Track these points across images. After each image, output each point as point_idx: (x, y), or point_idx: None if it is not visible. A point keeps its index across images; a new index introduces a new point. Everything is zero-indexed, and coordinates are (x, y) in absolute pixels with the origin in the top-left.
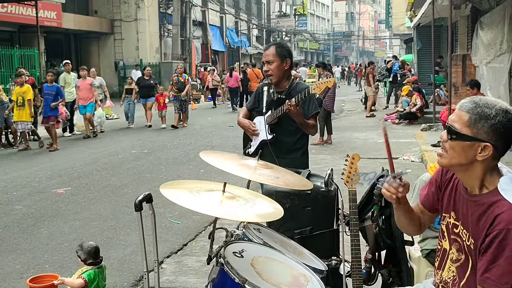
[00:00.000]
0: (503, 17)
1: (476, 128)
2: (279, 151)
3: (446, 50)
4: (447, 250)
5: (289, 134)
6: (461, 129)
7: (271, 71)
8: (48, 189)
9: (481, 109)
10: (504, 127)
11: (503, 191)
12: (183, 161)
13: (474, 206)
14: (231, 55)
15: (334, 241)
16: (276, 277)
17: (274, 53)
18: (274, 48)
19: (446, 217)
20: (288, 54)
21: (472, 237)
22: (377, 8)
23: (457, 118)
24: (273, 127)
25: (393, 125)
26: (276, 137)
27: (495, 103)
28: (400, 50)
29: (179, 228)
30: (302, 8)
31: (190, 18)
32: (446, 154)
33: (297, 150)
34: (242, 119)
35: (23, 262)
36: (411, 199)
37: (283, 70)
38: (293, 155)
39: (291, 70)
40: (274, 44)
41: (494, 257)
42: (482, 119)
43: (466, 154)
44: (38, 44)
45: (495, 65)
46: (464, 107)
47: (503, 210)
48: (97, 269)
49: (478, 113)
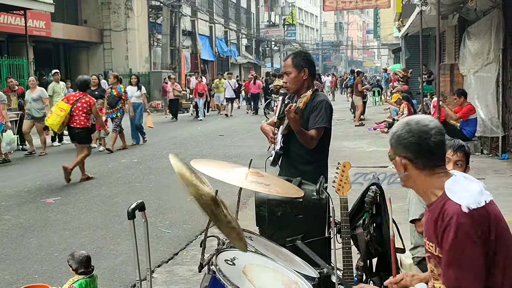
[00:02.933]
0: (489, 27)
1: (394, 149)
2: (290, 163)
3: (434, 59)
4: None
5: (298, 147)
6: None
7: (288, 82)
8: (37, 199)
9: (394, 136)
10: (405, 139)
11: (448, 190)
12: (173, 170)
13: (431, 214)
14: (221, 64)
15: (325, 249)
16: (268, 285)
17: (290, 64)
18: (291, 59)
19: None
20: (306, 63)
21: (436, 245)
22: (365, 18)
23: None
24: (286, 138)
25: (382, 133)
26: (287, 148)
27: (403, 122)
28: (388, 60)
29: (169, 237)
30: (291, 18)
31: (179, 28)
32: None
33: (309, 163)
34: (264, 125)
35: (12, 273)
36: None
37: (301, 80)
38: (304, 167)
39: (312, 79)
40: (292, 54)
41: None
42: (392, 140)
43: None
44: (27, 53)
45: (483, 75)
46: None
47: (446, 208)
48: (89, 279)
49: (390, 138)
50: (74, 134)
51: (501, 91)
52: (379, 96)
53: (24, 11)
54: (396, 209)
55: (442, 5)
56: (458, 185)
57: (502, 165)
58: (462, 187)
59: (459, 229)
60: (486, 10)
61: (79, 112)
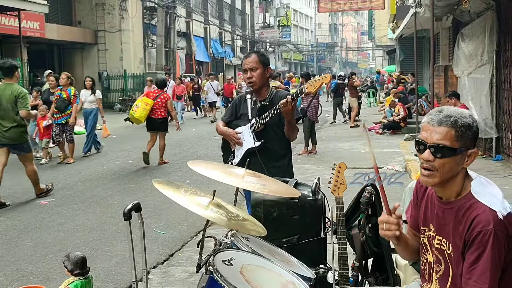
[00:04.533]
0: (483, 28)
1: (463, 140)
2: (267, 159)
3: (428, 61)
4: (431, 263)
5: (275, 140)
6: (452, 145)
7: (254, 78)
8: (32, 200)
9: (460, 120)
10: (477, 132)
11: (476, 193)
12: (169, 171)
13: (451, 213)
14: (215, 65)
15: (321, 249)
16: (265, 285)
17: (257, 61)
18: (256, 56)
19: (426, 230)
20: (268, 62)
21: (452, 244)
22: (360, 19)
23: (441, 135)
24: (259, 134)
25: (376, 135)
26: (263, 144)
27: (463, 111)
28: (383, 61)
29: (165, 238)
30: (285, 19)
31: (174, 29)
32: (437, 173)
33: (284, 157)
34: (225, 128)
35: (7, 274)
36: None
37: (265, 77)
38: (280, 162)
39: (269, 78)
40: (255, 52)
41: (474, 259)
42: (467, 130)
43: (458, 166)
44: (21, 54)
45: (477, 76)
46: (444, 122)
47: (479, 212)
48: (84, 280)
49: (462, 125)
50: (155, 124)
51: (495, 92)
52: (373, 97)
53: (18, 12)
54: None
55: (436, 7)
56: (484, 188)
57: (496, 166)
58: (489, 191)
59: (496, 236)
60: (479, 12)
61: (159, 106)
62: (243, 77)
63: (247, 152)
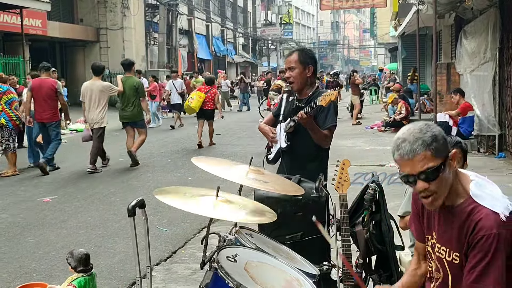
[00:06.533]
0: (486, 26)
1: (439, 152)
2: (293, 162)
3: (430, 58)
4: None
5: (304, 144)
6: (435, 163)
7: (292, 78)
8: (34, 198)
9: (424, 138)
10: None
11: (477, 197)
12: (171, 168)
13: (453, 218)
14: (217, 63)
15: (325, 246)
16: (269, 282)
17: (296, 60)
18: (296, 54)
19: (429, 238)
20: (311, 60)
21: (454, 250)
22: (361, 17)
23: (421, 162)
24: (290, 136)
25: (379, 132)
26: (291, 146)
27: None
28: (385, 59)
29: (167, 235)
30: (287, 17)
31: (176, 27)
32: (437, 195)
33: (314, 160)
34: (262, 125)
35: (10, 271)
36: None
37: (305, 77)
38: (309, 165)
39: (315, 77)
40: (297, 50)
41: (476, 261)
42: (435, 142)
43: (449, 178)
44: (23, 52)
45: (479, 73)
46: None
47: (481, 216)
48: (88, 277)
49: (429, 142)
50: (206, 113)
51: (498, 89)
52: (376, 95)
53: (20, 9)
54: (395, 207)
55: (439, 4)
56: (483, 189)
57: (499, 163)
58: (489, 192)
59: (500, 239)
60: (482, 9)
61: (209, 99)
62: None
63: (279, 151)
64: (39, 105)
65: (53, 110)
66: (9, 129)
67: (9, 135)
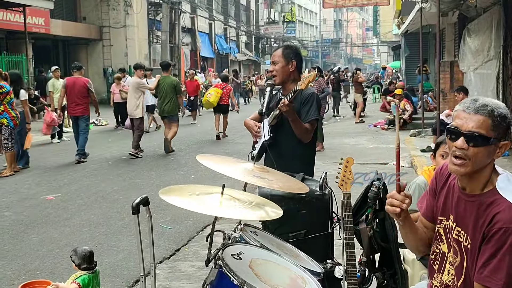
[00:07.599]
0: (490, 24)
1: (498, 130)
2: (277, 155)
3: (433, 56)
4: (445, 253)
5: (287, 138)
6: (487, 134)
7: (275, 71)
8: (38, 195)
9: (496, 110)
10: (510, 124)
11: (501, 189)
12: (174, 167)
13: (473, 206)
14: (220, 61)
15: (328, 244)
16: (274, 279)
17: (280, 54)
18: (281, 50)
19: (443, 220)
20: (295, 56)
21: (470, 237)
22: (364, 15)
23: (477, 123)
24: (274, 129)
25: (382, 130)
26: (275, 140)
27: (498, 102)
28: (388, 57)
29: (171, 233)
30: (290, 15)
31: (179, 25)
32: (469, 162)
33: (297, 154)
34: (248, 120)
35: (14, 269)
36: None
37: (287, 71)
38: (292, 159)
39: (298, 73)
40: (283, 46)
41: (490, 254)
42: (502, 121)
43: (489, 157)
44: (26, 50)
45: (483, 71)
46: (480, 110)
47: (501, 209)
48: (91, 274)
49: (498, 115)
50: (222, 108)
51: (501, 88)
52: (379, 93)
53: (23, 8)
54: None
55: (443, 2)
56: (510, 184)
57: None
58: None
59: None
60: (486, 7)
61: (225, 95)
62: None
63: (263, 146)
64: (72, 100)
65: (85, 106)
66: (10, 128)
67: (9, 134)
